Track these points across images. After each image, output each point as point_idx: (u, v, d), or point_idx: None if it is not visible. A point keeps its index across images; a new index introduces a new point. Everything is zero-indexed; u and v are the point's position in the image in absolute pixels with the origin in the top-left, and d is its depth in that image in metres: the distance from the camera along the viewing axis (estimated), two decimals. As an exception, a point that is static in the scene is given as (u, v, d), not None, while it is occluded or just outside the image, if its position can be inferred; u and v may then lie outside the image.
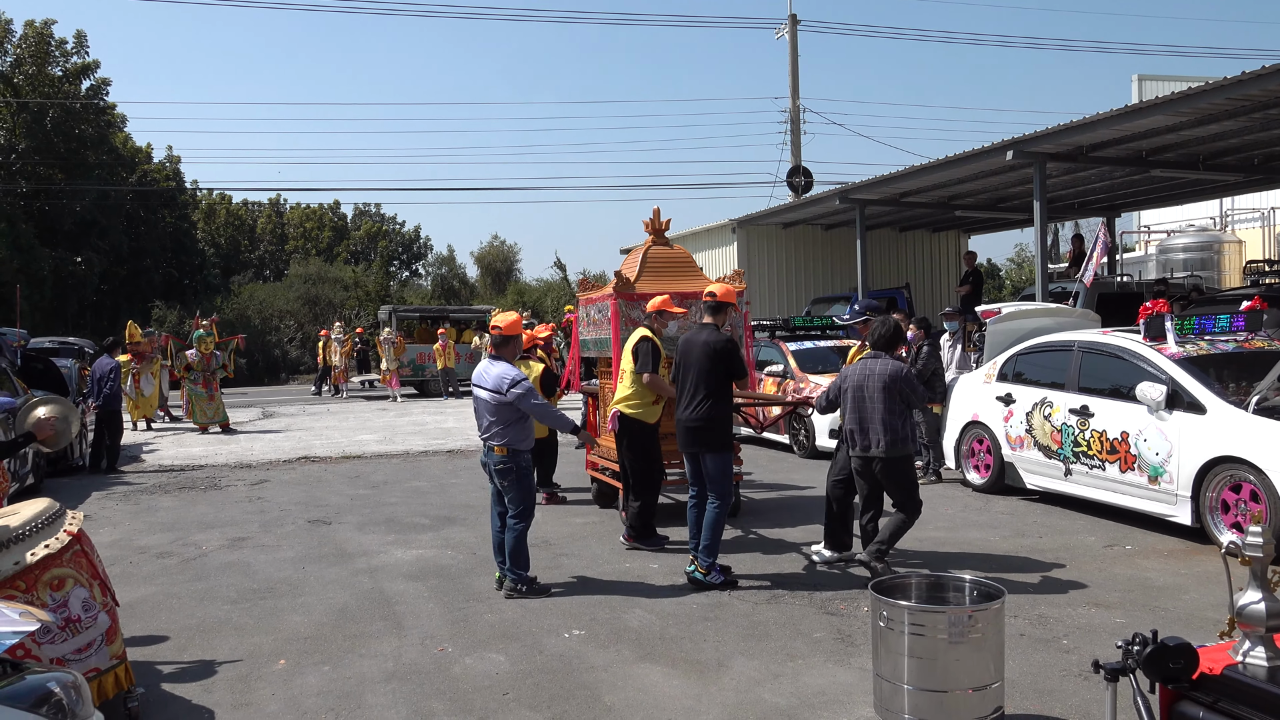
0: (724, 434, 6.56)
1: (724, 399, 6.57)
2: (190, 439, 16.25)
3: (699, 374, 6.57)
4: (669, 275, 8.63)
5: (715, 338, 6.62)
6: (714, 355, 6.54)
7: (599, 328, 8.80)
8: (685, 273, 8.84)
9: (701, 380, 6.56)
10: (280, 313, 38.19)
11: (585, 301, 9.23)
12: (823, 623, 5.75)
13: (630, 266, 8.81)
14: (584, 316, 9.30)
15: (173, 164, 40.66)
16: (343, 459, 13.46)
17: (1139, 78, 25.63)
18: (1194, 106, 11.50)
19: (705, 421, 6.50)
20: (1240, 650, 2.48)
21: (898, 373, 6.42)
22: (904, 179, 16.50)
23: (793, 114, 27.39)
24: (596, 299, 8.92)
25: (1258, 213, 23.45)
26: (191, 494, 10.90)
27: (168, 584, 7.04)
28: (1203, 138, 13.41)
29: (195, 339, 17.38)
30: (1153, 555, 7.11)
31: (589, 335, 9.17)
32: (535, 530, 8.45)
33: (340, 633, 5.83)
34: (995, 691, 4.07)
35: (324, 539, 8.41)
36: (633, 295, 8.32)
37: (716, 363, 6.53)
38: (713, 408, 6.50)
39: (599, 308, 8.78)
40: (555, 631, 5.72)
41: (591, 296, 9.15)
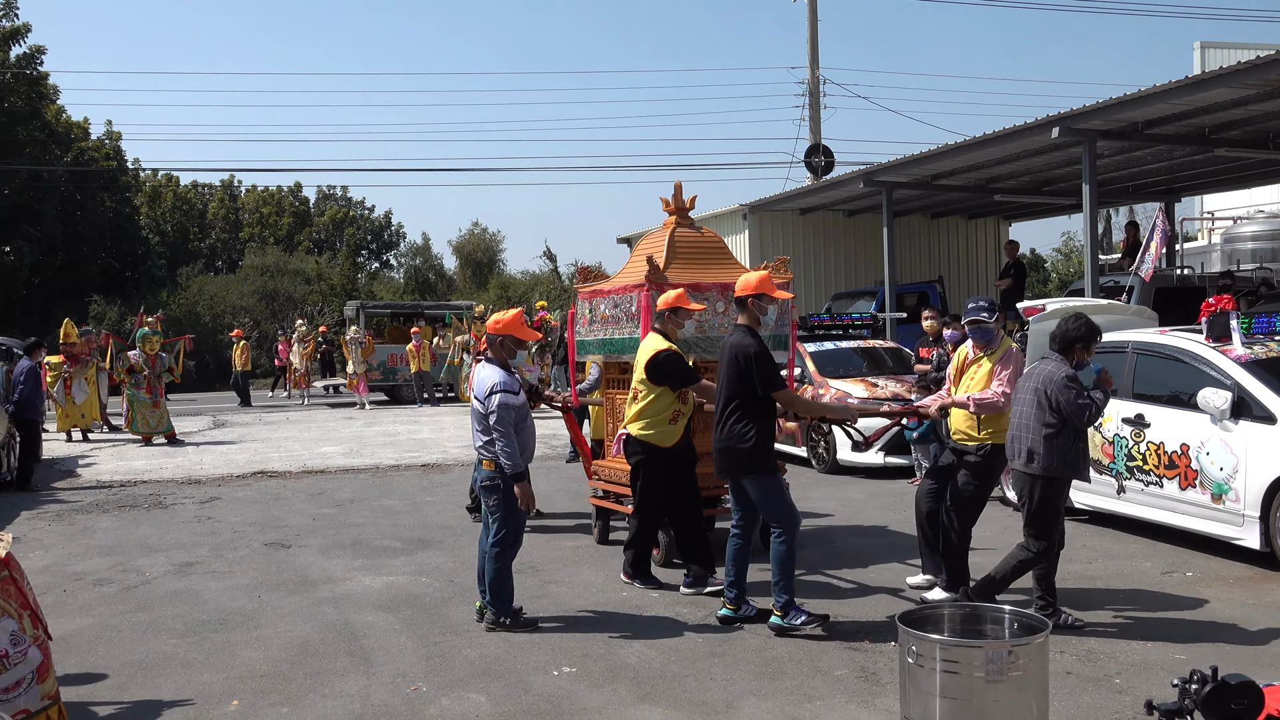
0: (757, 454, 6.22)
1: (754, 414, 6.23)
2: (132, 451, 16.26)
3: (723, 384, 6.36)
4: (700, 263, 8.18)
5: (740, 341, 6.32)
6: (736, 362, 6.26)
7: (614, 325, 8.27)
8: (718, 260, 8.39)
9: (728, 392, 6.32)
10: (234, 309, 38.22)
11: (590, 294, 8.66)
12: (844, 659, 5.76)
13: (652, 252, 8.26)
14: (586, 313, 8.74)
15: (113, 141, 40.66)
16: (304, 474, 13.46)
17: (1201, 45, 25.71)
18: (1263, 78, 11.52)
19: (733, 441, 6.23)
20: (1313, 690, 2.49)
21: (1051, 377, 6.14)
22: (936, 159, 16.52)
23: (811, 86, 27.42)
24: (611, 290, 8.31)
25: (1337, 198, 23.46)
26: (133, 513, 10.91)
27: (107, 615, 7.04)
28: (1273, 113, 13.44)
29: (138, 338, 17.38)
30: (1216, 583, 7.12)
31: (594, 334, 8.61)
32: (522, 555, 8.46)
33: (301, 670, 5.83)
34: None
35: (282, 564, 8.42)
36: (671, 286, 7.73)
37: (741, 371, 6.24)
38: (740, 424, 6.22)
39: (613, 301, 8.24)
40: (543, 668, 5.73)
41: (602, 288, 8.54)
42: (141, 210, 46.30)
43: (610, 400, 8.58)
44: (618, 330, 8.19)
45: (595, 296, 8.56)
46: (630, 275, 8.24)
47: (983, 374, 6.64)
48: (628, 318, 8.03)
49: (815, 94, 27.46)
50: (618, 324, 8.20)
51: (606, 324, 8.38)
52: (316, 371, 27.76)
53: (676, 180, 8.45)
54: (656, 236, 8.56)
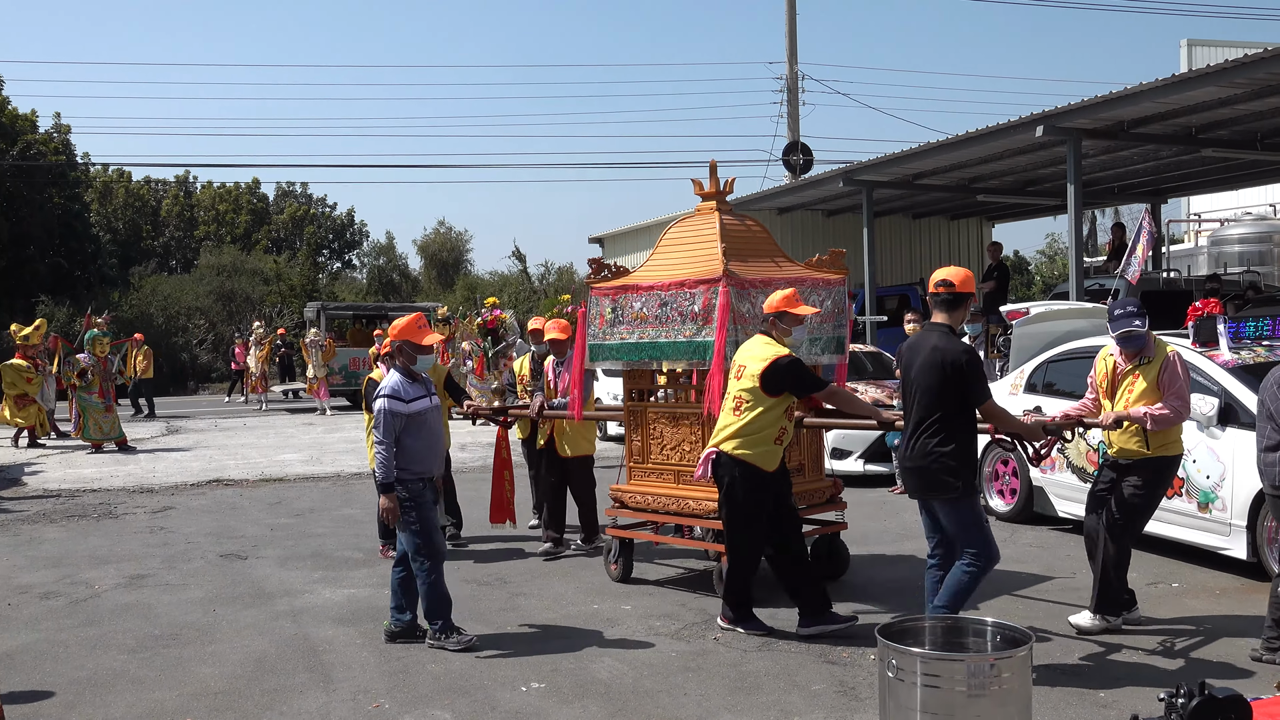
0: (955, 475, 5.67)
1: (956, 429, 5.69)
2: (81, 459, 16.11)
3: (923, 394, 5.75)
4: (754, 256, 7.46)
5: (948, 345, 5.69)
6: (944, 370, 5.64)
7: (660, 326, 7.31)
8: (770, 252, 7.77)
9: (926, 403, 5.73)
10: (189, 310, 37.91)
11: (615, 290, 7.65)
12: (822, 673, 5.78)
13: (695, 244, 7.52)
14: (607, 312, 7.71)
15: (61, 134, 40.23)
16: (261, 482, 13.38)
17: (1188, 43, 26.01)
18: (1251, 77, 11.67)
19: (929, 459, 5.68)
20: (1301, 703, 2.52)
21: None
22: (918, 158, 16.63)
23: (790, 82, 27.51)
24: (655, 286, 7.42)
25: (1325, 200, 23.79)
26: (82, 523, 10.80)
27: (53, 629, 6.97)
28: (1261, 112, 13.61)
29: (87, 340, 17.22)
30: (1202, 594, 7.19)
31: (621, 337, 7.62)
32: (490, 566, 8.46)
33: (257, 687, 5.79)
34: (1021, 752, 4.09)
35: (239, 576, 8.36)
36: (754, 282, 7.11)
37: (948, 381, 5.64)
38: (939, 441, 5.66)
39: (658, 299, 7.35)
40: (511, 684, 5.72)
41: (635, 283, 7.59)
42: (92, 207, 45.86)
43: (639, 415, 7.73)
44: (664, 332, 7.29)
45: (624, 293, 7.57)
46: (683, 268, 7.36)
47: (1145, 387, 6.26)
48: (686, 317, 7.15)
49: (794, 90, 27.54)
50: (665, 324, 7.29)
51: (644, 324, 7.42)
52: (275, 376, 27.58)
53: (712, 160, 7.89)
54: (696, 224, 7.72)
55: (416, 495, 6.36)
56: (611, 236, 26.81)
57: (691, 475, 7.04)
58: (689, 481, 7.21)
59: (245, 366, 26.45)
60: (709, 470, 6.45)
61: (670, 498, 7.41)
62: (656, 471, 7.59)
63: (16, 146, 36.27)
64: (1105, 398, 6.49)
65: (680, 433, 7.45)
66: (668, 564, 8.33)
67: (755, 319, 6.89)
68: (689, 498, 7.26)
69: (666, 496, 7.44)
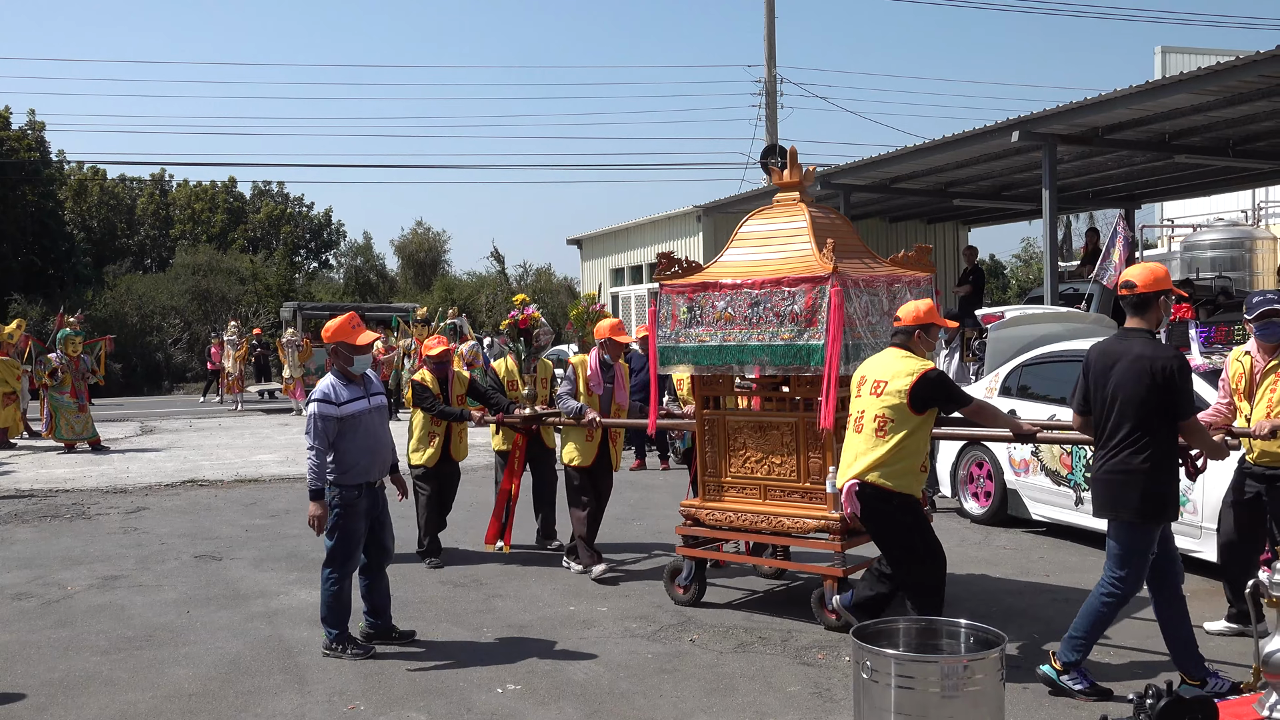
0: (1147, 496, 5.20)
1: (1159, 444, 5.21)
2: (53, 459, 15.98)
3: (1125, 404, 5.24)
4: (845, 254, 6.67)
5: (1156, 352, 5.22)
6: (1152, 378, 5.16)
7: (751, 327, 6.59)
8: (858, 247, 7.15)
9: (1130, 414, 5.23)
10: (164, 309, 37.69)
11: (692, 289, 6.87)
12: (798, 674, 5.80)
13: (783, 238, 6.82)
14: (681, 311, 6.93)
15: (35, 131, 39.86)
16: (236, 483, 13.31)
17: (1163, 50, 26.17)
18: (1223, 84, 11.79)
19: (1122, 475, 5.23)
20: (1267, 704, 2.56)
21: None
22: (895, 162, 16.72)
23: (768, 85, 27.59)
24: (743, 284, 6.64)
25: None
26: (55, 524, 10.72)
27: (25, 630, 6.92)
28: (1233, 119, 13.76)
29: (59, 339, 17.09)
30: (1174, 596, 7.24)
31: (698, 339, 6.85)
32: (467, 568, 8.45)
33: (232, 688, 5.77)
34: (994, 753, 4.13)
35: (213, 577, 8.32)
36: (859, 281, 6.47)
37: (1153, 389, 5.16)
38: (1141, 456, 5.19)
39: (749, 297, 6.59)
40: (486, 685, 5.72)
41: (717, 280, 6.81)
42: (66, 205, 45.50)
43: (717, 424, 7.04)
44: (756, 334, 6.57)
45: (702, 291, 6.84)
46: (775, 265, 6.67)
47: None
48: (785, 318, 6.43)
49: (772, 93, 27.61)
50: (757, 325, 6.57)
51: (730, 325, 6.70)
52: (251, 376, 27.43)
53: (791, 146, 7.27)
54: (779, 217, 6.99)
55: (348, 504, 6.20)
56: (590, 238, 26.83)
57: (784, 490, 6.67)
58: (779, 497, 6.72)
59: (221, 366, 26.31)
60: (853, 502, 5.73)
61: (759, 514, 6.74)
62: (737, 486, 6.93)
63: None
64: (1242, 400, 6.12)
65: (769, 443, 6.76)
66: (728, 586, 7.67)
67: (861, 320, 6.40)
68: (782, 515, 6.64)
69: (753, 513, 6.76)
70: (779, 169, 7.25)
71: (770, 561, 7.56)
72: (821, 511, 6.48)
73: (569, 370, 8.23)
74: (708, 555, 7.34)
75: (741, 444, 6.89)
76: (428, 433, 8.70)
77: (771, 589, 7.61)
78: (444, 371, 8.89)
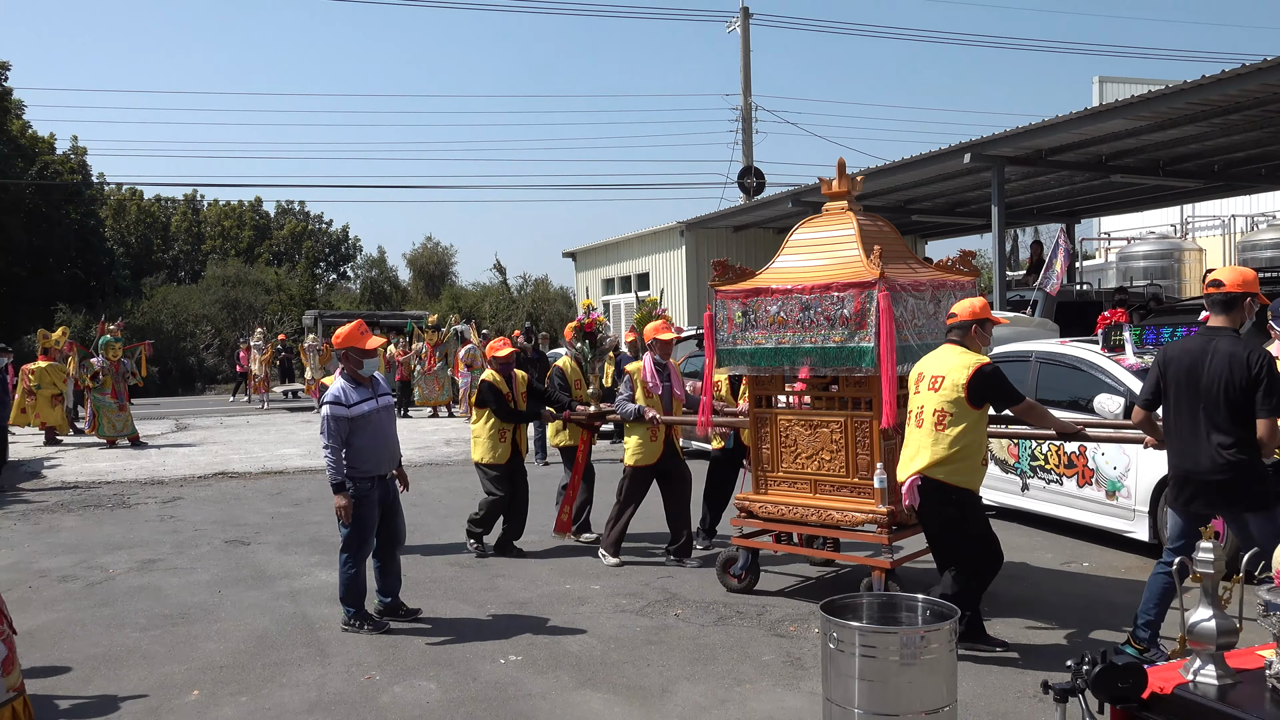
0: (1264, 483, 4.89)
1: (1251, 440, 4.86)
2: (96, 454, 15.91)
3: (1215, 403, 4.87)
4: (890, 259, 6.39)
5: (1248, 349, 4.86)
6: (1247, 372, 4.81)
7: (802, 330, 6.35)
8: (904, 252, 6.86)
9: (1221, 409, 4.86)
10: (196, 317, 37.52)
11: (745, 294, 6.64)
12: (772, 645, 5.81)
13: (833, 245, 6.57)
14: (737, 315, 6.69)
15: (78, 156, 39.68)
16: (263, 474, 13.27)
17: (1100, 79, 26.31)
18: (1154, 110, 11.84)
19: (1235, 472, 4.86)
20: (1191, 669, 2.57)
21: None
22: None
23: (744, 112, 27.63)
24: (794, 289, 6.37)
25: (1218, 220, 24.19)
26: (98, 513, 10.68)
27: (71, 610, 6.90)
28: (1163, 143, 13.81)
29: (101, 345, 17.03)
30: (1110, 572, 7.29)
31: (752, 341, 6.61)
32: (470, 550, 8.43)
33: (259, 661, 5.76)
34: (948, 714, 4.14)
35: (242, 560, 8.30)
36: (905, 286, 6.21)
37: (1249, 386, 4.79)
38: (1241, 451, 4.85)
39: (800, 302, 6.34)
40: (490, 657, 5.72)
41: (769, 285, 6.54)
42: (107, 223, 45.27)
43: (769, 422, 6.74)
44: (808, 336, 6.32)
45: (755, 296, 6.59)
46: (825, 271, 6.42)
47: None
48: (835, 322, 6.19)
49: (748, 120, 27.65)
50: (809, 329, 6.33)
51: (783, 329, 6.45)
52: (276, 377, 27.36)
53: (839, 158, 6.96)
54: (829, 225, 6.74)
55: (362, 495, 6.21)
56: (584, 251, 26.79)
57: (833, 485, 6.41)
58: (829, 491, 6.45)
59: (248, 369, 26.25)
60: (914, 497, 5.45)
61: (809, 508, 6.47)
62: (789, 480, 6.65)
63: (35, 166, 35.76)
64: None
65: (819, 440, 6.51)
66: (782, 572, 7.47)
67: (908, 323, 6.16)
68: (831, 508, 6.38)
69: (804, 506, 6.50)
70: (827, 180, 6.93)
71: (819, 553, 7.27)
72: (869, 505, 6.20)
73: (626, 378, 7.89)
74: (762, 545, 7.04)
75: (793, 440, 6.65)
76: (498, 431, 8.22)
77: (822, 575, 7.39)
78: (509, 371, 8.46)
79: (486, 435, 8.24)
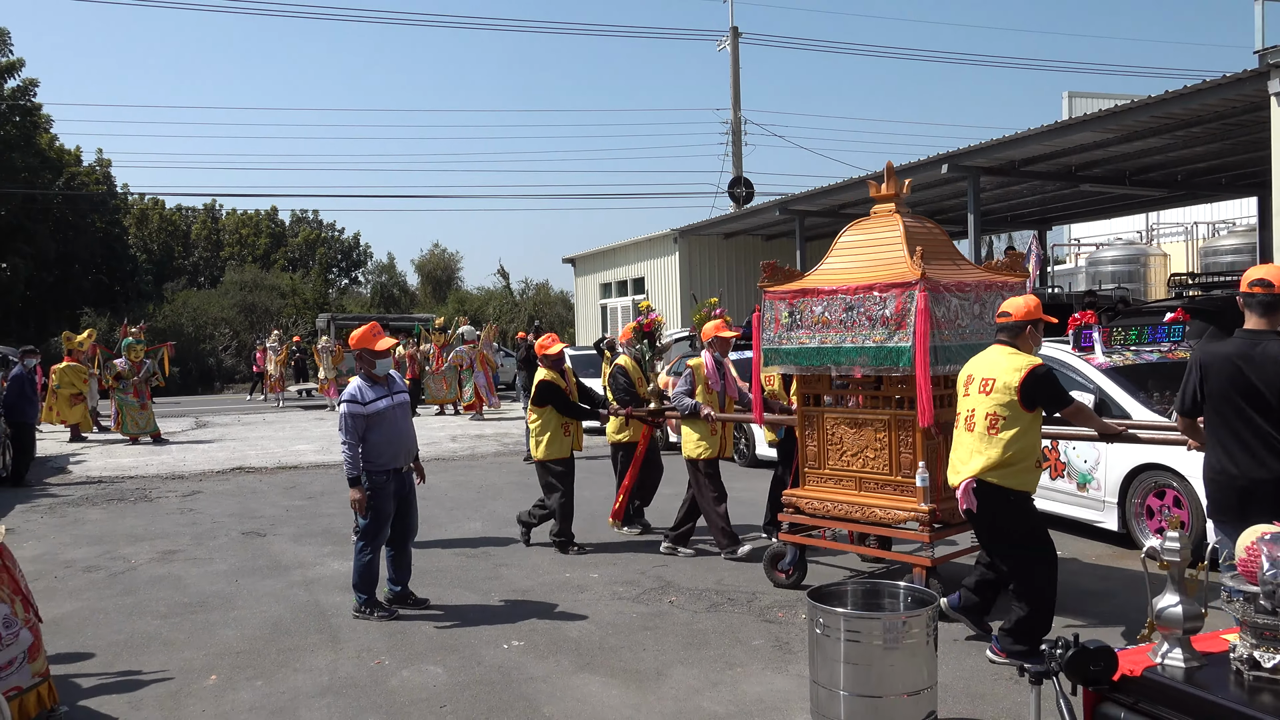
0: None
1: None
2: (119, 450, 15.85)
3: (1267, 408, 4.38)
4: (936, 259, 6.11)
5: None
6: None
7: (845, 330, 6.08)
8: (952, 254, 6.51)
9: (1271, 416, 4.39)
10: (215, 320, 37.45)
11: (792, 295, 6.40)
12: (761, 630, 5.80)
13: (878, 246, 6.26)
14: (783, 316, 6.46)
15: (103, 167, 39.58)
16: (278, 469, 13.23)
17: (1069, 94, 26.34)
18: (1120, 123, 11.85)
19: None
20: (1159, 652, 2.56)
21: None
22: (842, 191, 16.74)
23: (734, 126, 27.61)
24: (837, 289, 6.12)
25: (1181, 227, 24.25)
26: (120, 506, 10.63)
27: (94, 599, 6.86)
28: (1129, 154, 13.83)
29: (124, 347, 16.97)
30: (1081, 560, 7.28)
31: (798, 341, 6.37)
32: (476, 540, 8.42)
33: (274, 646, 5.73)
34: (929, 696, 4.13)
35: (258, 551, 8.26)
36: (947, 286, 5.89)
37: None
38: None
39: (844, 303, 6.08)
40: (494, 642, 5.69)
41: (815, 286, 6.29)
42: (130, 230, 45.16)
43: (816, 420, 6.51)
44: (850, 336, 6.06)
45: (802, 297, 6.35)
46: (868, 271, 6.14)
47: None
48: (876, 322, 5.92)
49: (737, 132, 27.64)
50: (850, 329, 6.07)
51: (827, 329, 6.21)
52: (291, 377, 27.29)
53: (888, 161, 6.72)
54: (875, 227, 6.41)
55: (378, 487, 6.19)
56: (582, 257, 26.77)
57: (877, 482, 6.15)
58: (873, 489, 6.20)
59: (265, 369, 26.20)
60: (971, 501, 5.05)
61: (854, 505, 6.24)
62: (835, 477, 6.41)
63: (63, 177, 35.70)
64: None
65: (864, 438, 6.25)
66: (833, 565, 7.30)
67: (950, 323, 5.85)
68: (874, 505, 6.14)
69: (849, 503, 6.26)
70: (877, 182, 6.62)
71: (863, 549, 6.92)
72: (911, 504, 5.94)
73: (686, 373, 7.76)
74: (809, 542, 6.74)
75: (839, 438, 6.39)
76: (560, 427, 7.92)
77: (873, 571, 7.04)
78: (561, 367, 8.13)
79: (549, 432, 7.92)
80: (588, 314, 26.46)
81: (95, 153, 39.27)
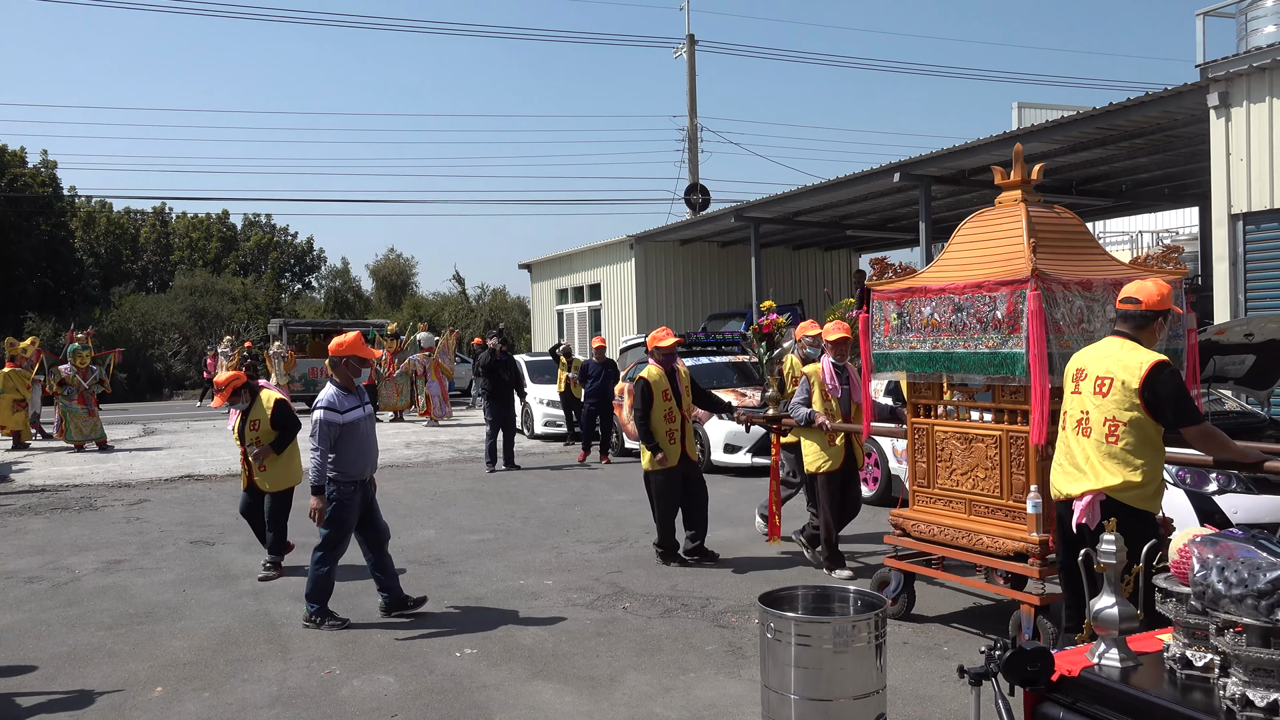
0: None
1: None
2: (64, 458, 15.53)
3: None
4: (1070, 252, 5.40)
5: None
6: None
7: (955, 334, 5.45)
8: (1088, 247, 5.64)
9: None
10: (164, 325, 36.83)
11: (900, 294, 5.82)
12: (714, 635, 5.83)
13: (995, 239, 5.53)
14: (893, 317, 5.89)
15: (48, 169, 38.78)
16: (228, 477, 13.04)
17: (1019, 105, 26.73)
18: (1067, 134, 12.09)
19: None
20: (1096, 652, 2.62)
21: None
22: (797, 198, 16.88)
23: (691, 133, 27.74)
24: (946, 289, 5.49)
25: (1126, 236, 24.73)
26: (64, 515, 10.42)
27: (36, 610, 6.72)
28: (1076, 164, 14.10)
29: (69, 353, 16.64)
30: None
31: (908, 345, 5.77)
32: (429, 547, 8.38)
33: (222, 657, 5.66)
34: (878, 698, 4.18)
35: (207, 560, 8.15)
36: (1069, 283, 5.10)
37: None
38: None
39: (953, 303, 5.45)
40: (446, 650, 5.67)
41: (924, 285, 5.66)
42: (76, 234, 44.24)
43: (926, 433, 5.89)
44: (961, 341, 5.42)
45: (910, 297, 5.74)
46: (981, 267, 5.46)
47: None
48: (988, 325, 5.26)
49: (694, 140, 27.77)
50: (961, 332, 5.42)
51: (937, 332, 5.58)
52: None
53: (1017, 146, 5.99)
54: (997, 217, 5.66)
55: (345, 498, 6.15)
56: (539, 263, 26.70)
57: (987, 506, 5.49)
58: (983, 513, 5.53)
59: (215, 375, 25.81)
60: (1094, 516, 4.18)
61: (960, 530, 5.56)
62: (944, 498, 5.77)
63: (5, 179, 34.90)
64: None
65: (974, 456, 5.57)
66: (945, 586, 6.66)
67: (1073, 326, 5.06)
68: (982, 532, 5.43)
69: (955, 529, 5.60)
70: (1004, 171, 5.89)
71: (969, 581, 6.06)
72: (1021, 533, 5.25)
73: (804, 380, 7.35)
74: (916, 570, 6.11)
75: (948, 455, 5.74)
76: (665, 434, 7.43)
77: (983, 602, 6.46)
78: (672, 364, 7.59)
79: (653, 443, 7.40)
80: (544, 320, 26.40)
81: (40, 154, 38.46)
